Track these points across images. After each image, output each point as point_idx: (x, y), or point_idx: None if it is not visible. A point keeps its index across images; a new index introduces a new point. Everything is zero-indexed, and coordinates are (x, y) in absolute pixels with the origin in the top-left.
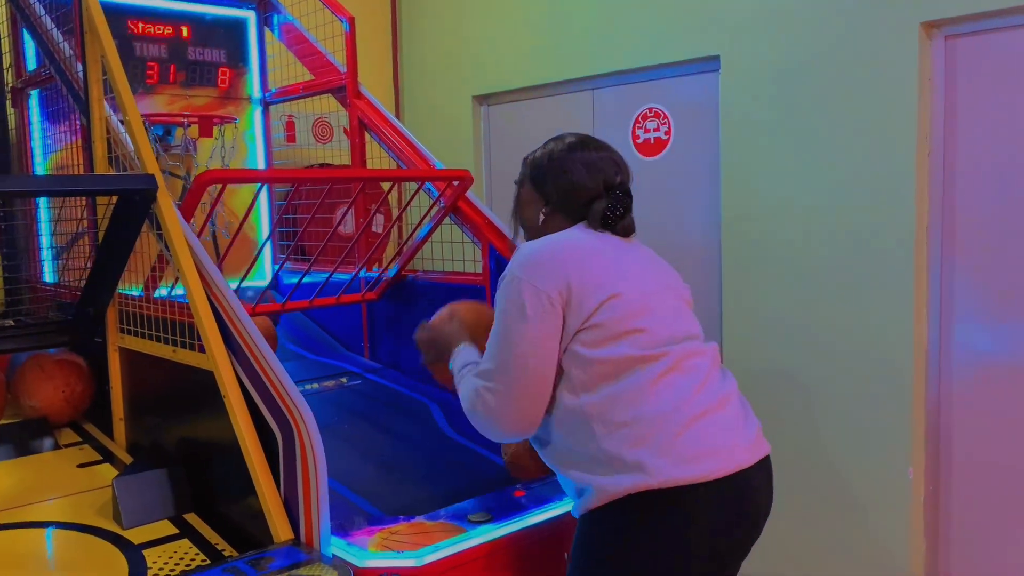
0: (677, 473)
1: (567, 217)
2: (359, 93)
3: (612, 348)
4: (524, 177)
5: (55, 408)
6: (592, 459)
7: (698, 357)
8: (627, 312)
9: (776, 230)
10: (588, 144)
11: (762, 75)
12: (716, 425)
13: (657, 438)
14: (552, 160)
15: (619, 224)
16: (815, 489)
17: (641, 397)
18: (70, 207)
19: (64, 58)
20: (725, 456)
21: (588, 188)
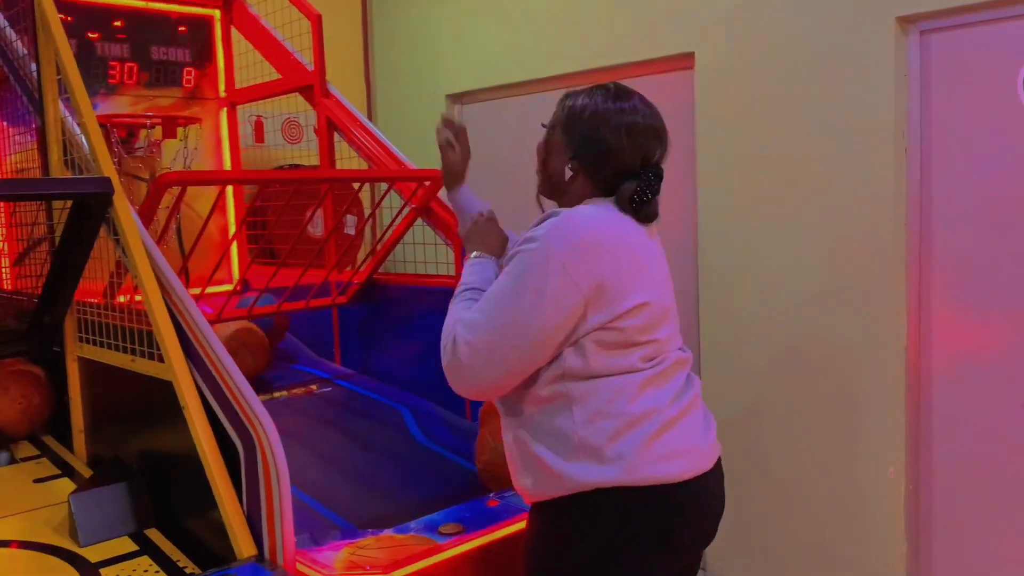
0: (653, 472)
1: (593, 182)
2: (327, 92)
3: (621, 354)
4: (557, 123)
5: (11, 421)
6: (563, 441)
7: (683, 365)
8: (649, 322)
9: (753, 230)
10: (638, 108)
11: (737, 73)
12: (686, 428)
13: (635, 436)
14: (595, 115)
15: (643, 210)
16: (795, 489)
17: (630, 395)
18: (25, 212)
19: (18, 57)
20: (693, 458)
21: (625, 158)
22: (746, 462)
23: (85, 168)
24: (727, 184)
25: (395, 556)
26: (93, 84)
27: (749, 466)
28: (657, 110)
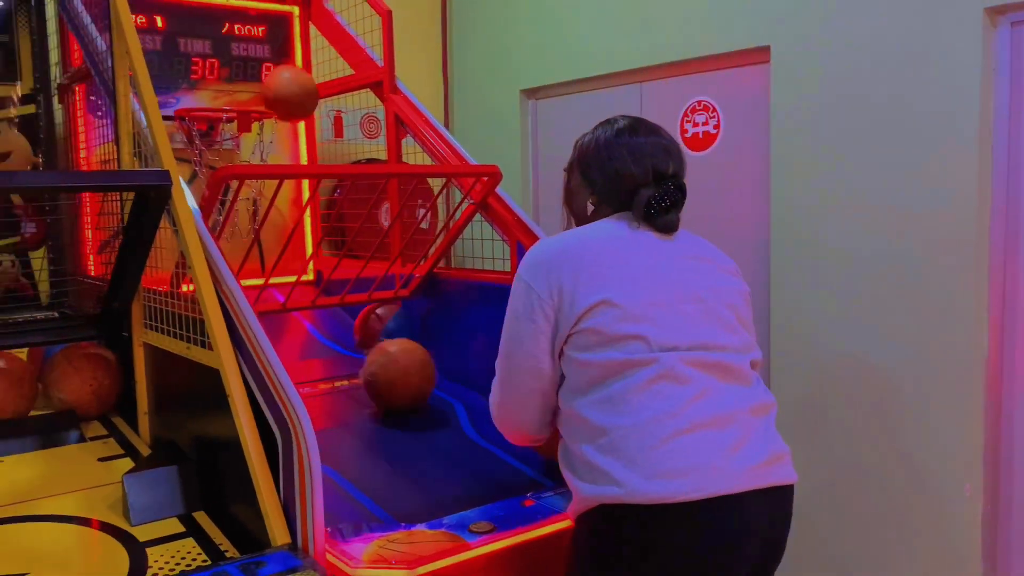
0: (646, 488)
1: (613, 207)
2: (395, 88)
3: (603, 352)
4: (573, 163)
5: (82, 401)
6: (579, 462)
7: (701, 367)
8: (621, 317)
9: (828, 229)
10: (637, 129)
11: (814, 67)
12: (702, 443)
13: (631, 449)
14: (599, 146)
15: (660, 218)
16: (863, 503)
17: (623, 404)
18: (108, 202)
19: (98, 53)
20: (708, 477)
21: (634, 176)
22: (811, 471)
23: (152, 161)
24: (802, 182)
25: (421, 552)
26: (176, 79)
27: (814, 476)
28: (666, 134)
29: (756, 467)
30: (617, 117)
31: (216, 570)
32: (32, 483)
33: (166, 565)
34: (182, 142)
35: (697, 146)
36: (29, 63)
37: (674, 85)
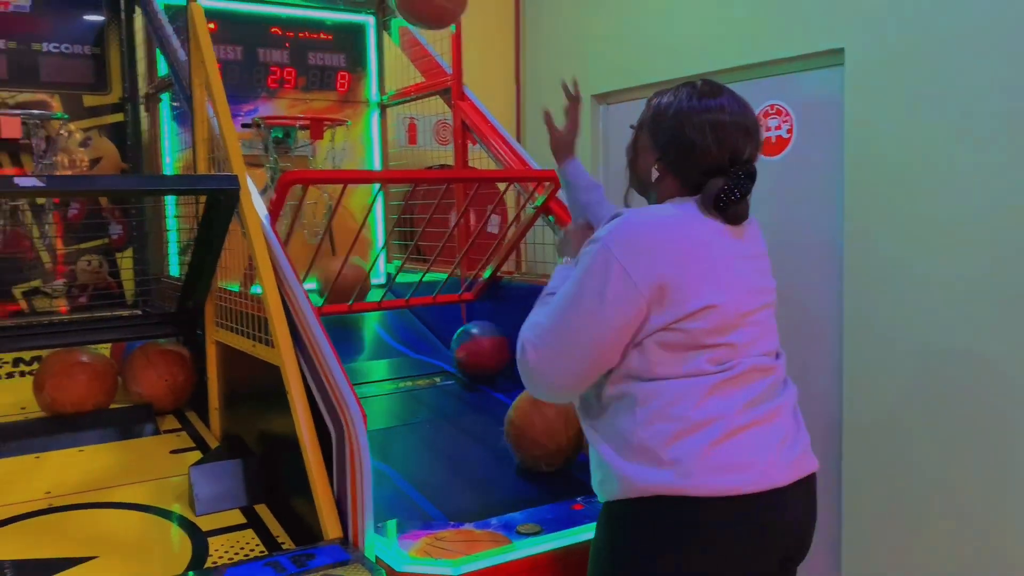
0: (707, 481)
1: (681, 182)
2: (463, 94)
3: (686, 354)
4: (644, 122)
5: (158, 395)
6: (624, 441)
7: (764, 373)
8: (719, 326)
9: (906, 241)
10: (724, 106)
11: (891, 69)
12: (758, 439)
13: (694, 442)
14: (678, 113)
15: (730, 210)
16: (940, 511)
17: (693, 400)
18: (187, 206)
19: (179, 64)
20: (761, 472)
21: (712, 157)
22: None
23: (224, 166)
24: (877, 185)
25: (466, 550)
26: (255, 88)
27: (888, 479)
28: (748, 107)
29: (795, 460)
30: (702, 81)
31: (269, 560)
32: (108, 472)
33: (225, 554)
34: (260, 149)
35: (770, 151)
36: (119, 74)
37: (746, 89)
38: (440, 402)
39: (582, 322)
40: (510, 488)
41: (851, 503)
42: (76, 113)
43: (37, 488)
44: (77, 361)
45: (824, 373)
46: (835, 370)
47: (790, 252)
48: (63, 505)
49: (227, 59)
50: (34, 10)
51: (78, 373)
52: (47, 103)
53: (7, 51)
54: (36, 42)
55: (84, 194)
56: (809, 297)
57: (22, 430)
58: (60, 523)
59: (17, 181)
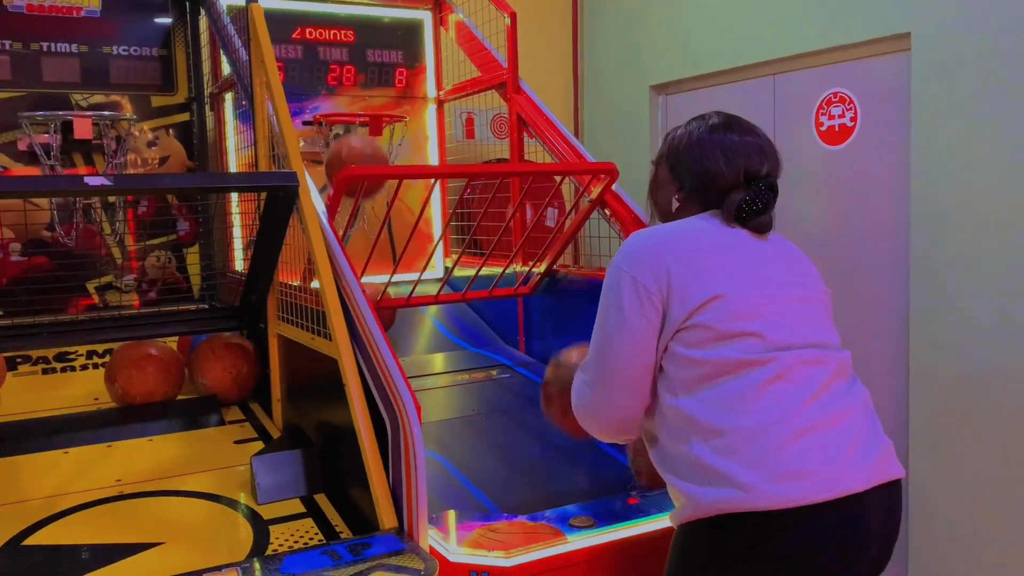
0: (772, 491)
1: (701, 206)
2: (519, 88)
3: (715, 350)
4: (661, 157)
5: (223, 387)
6: (687, 465)
7: (815, 366)
8: (735, 314)
9: (975, 227)
10: (732, 126)
11: (959, 55)
12: (825, 442)
13: (753, 451)
14: (690, 142)
15: (753, 220)
16: (1007, 514)
17: (741, 405)
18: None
19: (241, 64)
20: (832, 477)
21: (725, 176)
22: (954, 476)
23: (283, 163)
24: (946, 177)
25: (519, 542)
26: (316, 86)
27: (956, 480)
28: (760, 131)
29: (873, 464)
30: (712, 113)
31: (326, 548)
32: (175, 461)
33: (285, 542)
34: (321, 146)
35: (833, 140)
36: (184, 74)
37: (809, 76)
38: (496, 395)
39: (611, 340)
40: (564, 481)
41: (918, 498)
42: (145, 113)
43: (108, 476)
44: (146, 354)
45: (889, 369)
46: (901, 365)
47: (854, 244)
48: (133, 492)
49: (288, 58)
50: (104, 14)
51: (147, 365)
52: (118, 104)
53: (79, 55)
54: (106, 45)
55: (150, 192)
56: (874, 290)
57: (95, 420)
58: (130, 510)
59: (87, 180)
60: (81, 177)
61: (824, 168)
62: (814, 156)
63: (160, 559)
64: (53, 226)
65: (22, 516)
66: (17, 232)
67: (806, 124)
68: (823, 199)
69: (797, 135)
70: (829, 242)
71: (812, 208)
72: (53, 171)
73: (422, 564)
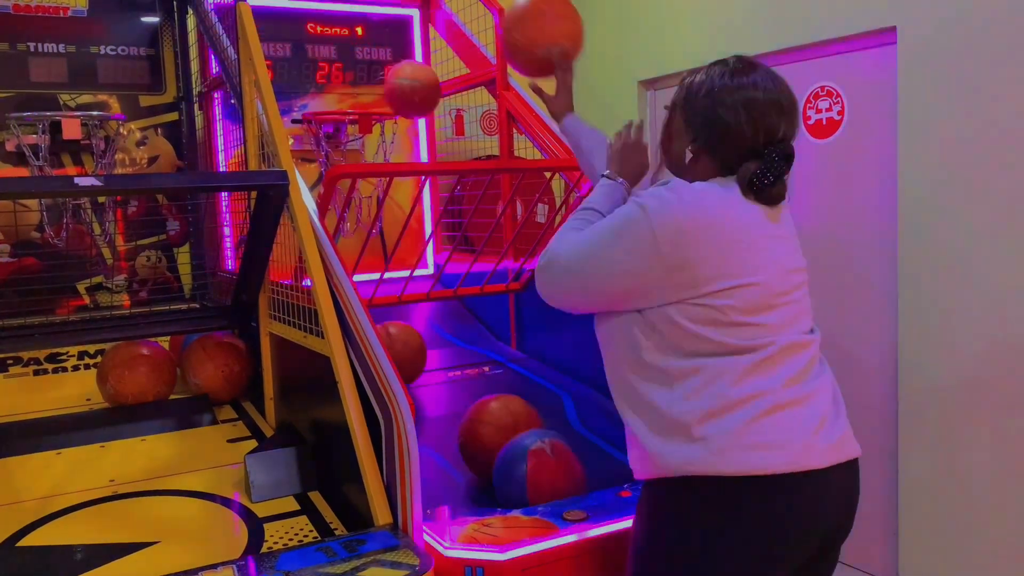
0: (741, 458)
1: (715, 162)
2: (507, 85)
3: (717, 332)
4: (677, 104)
5: (215, 386)
6: (659, 416)
7: (802, 350)
8: (751, 304)
9: (963, 221)
10: (758, 82)
11: (944, 48)
12: (795, 419)
13: (731, 420)
14: (711, 94)
15: (765, 193)
16: (999, 513)
17: (732, 377)
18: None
19: (230, 62)
20: (795, 452)
21: (746, 138)
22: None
23: (273, 162)
24: (933, 171)
25: (513, 536)
26: (305, 84)
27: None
28: (783, 82)
29: (836, 442)
30: (734, 58)
31: (321, 545)
32: (168, 460)
33: (280, 540)
34: (311, 144)
35: (820, 133)
36: (173, 74)
37: (796, 70)
38: (488, 391)
39: (608, 266)
40: None
41: (908, 491)
42: (133, 113)
43: (102, 476)
44: (138, 354)
45: (879, 361)
46: (890, 356)
47: (842, 238)
48: (126, 492)
49: (277, 56)
50: (91, 14)
51: (139, 365)
52: (106, 104)
53: (67, 55)
54: (94, 45)
55: (139, 192)
56: (863, 281)
57: (87, 421)
58: (124, 509)
59: (77, 181)
60: (71, 178)
61: (812, 162)
62: (802, 149)
63: (155, 558)
64: (42, 227)
65: (16, 517)
66: (6, 233)
67: None
68: (812, 191)
69: None
70: (817, 236)
71: (800, 202)
72: (42, 172)
73: (416, 559)
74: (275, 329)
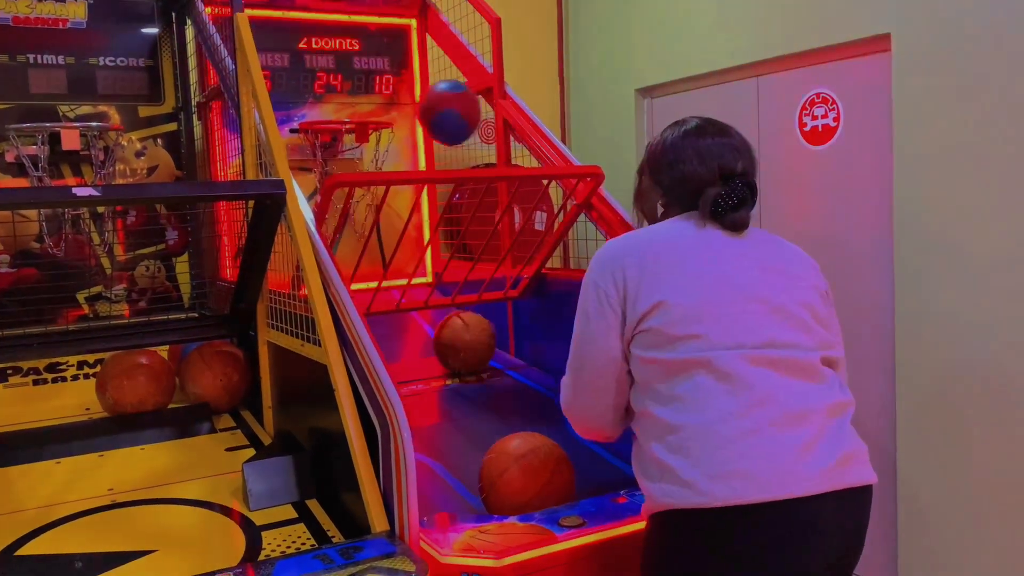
0: (708, 489)
1: (683, 209)
2: (504, 93)
3: (663, 352)
4: (643, 166)
5: (214, 395)
6: (649, 461)
7: (771, 366)
8: (678, 318)
9: (958, 228)
10: (706, 129)
11: (939, 55)
12: (772, 443)
13: (697, 448)
14: (665, 149)
15: (728, 216)
16: (996, 521)
17: (691, 403)
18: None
19: (228, 73)
20: (773, 480)
21: (700, 176)
22: (937, 480)
23: (271, 171)
24: (928, 177)
25: (510, 543)
26: (303, 93)
27: (945, 478)
28: (735, 130)
29: (828, 468)
30: (688, 118)
31: (318, 553)
32: (167, 469)
33: (278, 547)
34: (309, 153)
35: (816, 140)
36: (171, 84)
37: (791, 78)
38: (486, 398)
39: (584, 344)
40: None
41: (906, 495)
42: (132, 123)
43: (101, 485)
44: (137, 363)
45: (875, 366)
46: (887, 363)
47: (839, 244)
48: (125, 501)
49: (275, 66)
50: (90, 26)
51: (138, 374)
52: (105, 115)
53: (66, 66)
54: (93, 56)
55: (139, 202)
56: (859, 290)
57: (86, 430)
58: (122, 518)
59: (76, 191)
60: (70, 188)
61: (808, 168)
62: (798, 157)
63: (153, 567)
64: (42, 237)
65: (15, 526)
66: (6, 244)
67: (789, 125)
68: (807, 199)
69: (781, 136)
70: (814, 242)
71: (796, 208)
72: (41, 182)
73: (413, 566)
74: (273, 338)
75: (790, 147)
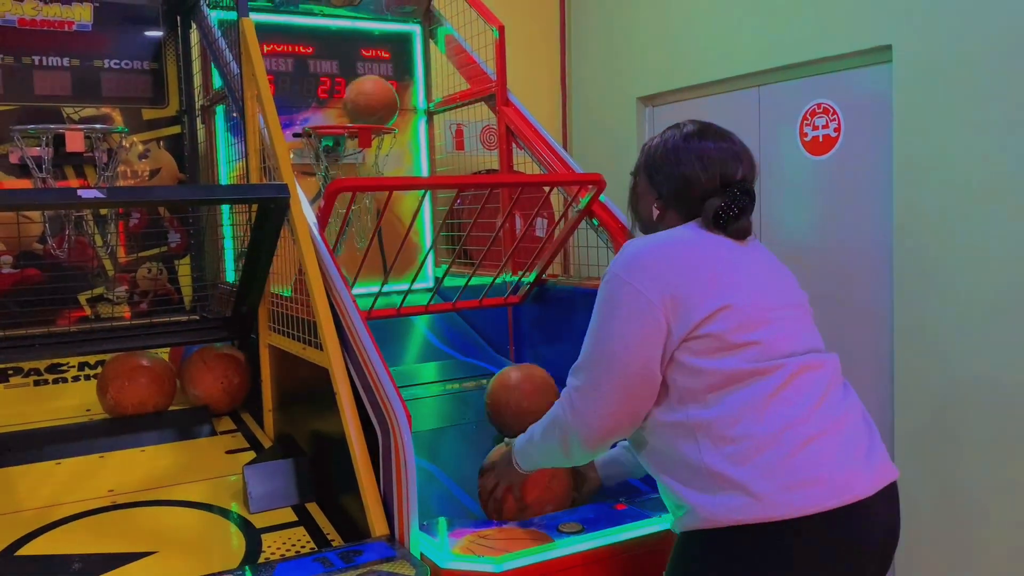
0: (785, 500)
1: (680, 213)
2: (507, 100)
3: (724, 359)
4: (639, 167)
5: (215, 397)
6: (691, 471)
7: (817, 371)
8: (741, 324)
9: (958, 238)
10: (707, 133)
11: (940, 66)
12: (833, 448)
13: (766, 459)
14: (666, 151)
15: (732, 226)
16: (994, 533)
17: (753, 413)
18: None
19: (232, 77)
20: (841, 483)
21: (702, 183)
22: (938, 481)
23: (274, 175)
24: (928, 187)
25: (508, 548)
26: (307, 98)
27: (941, 486)
28: (735, 136)
29: (877, 467)
30: (687, 121)
31: (318, 556)
32: (167, 471)
33: (277, 550)
34: (311, 158)
35: (817, 150)
36: (175, 87)
37: (793, 88)
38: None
39: (613, 347)
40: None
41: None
42: (136, 126)
43: (101, 486)
44: (138, 365)
45: (874, 376)
46: (885, 373)
47: (839, 253)
48: (125, 503)
49: (279, 71)
50: (96, 28)
51: (139, 376)
52: (109, 117)
53: (71, 68)
54: (98, 59)
55: (142, 204)
56: (858, 299)
57: (87, 431)
58: (122, 519)
59: (80, 193)
60: (74, 190)
61: (809, 178)
62: (799, 166)
63: (153, 569)
64: (45, 238)
65: (15, 527)
66: (8, 244)
67: (790, 135)
68: (808, 208)
69: (782, 145)
70: (814, 250)
71: (797, 217)
72: (45, 184)
73: (412, 570)
74: (274, 341)
75: (791, 157)
